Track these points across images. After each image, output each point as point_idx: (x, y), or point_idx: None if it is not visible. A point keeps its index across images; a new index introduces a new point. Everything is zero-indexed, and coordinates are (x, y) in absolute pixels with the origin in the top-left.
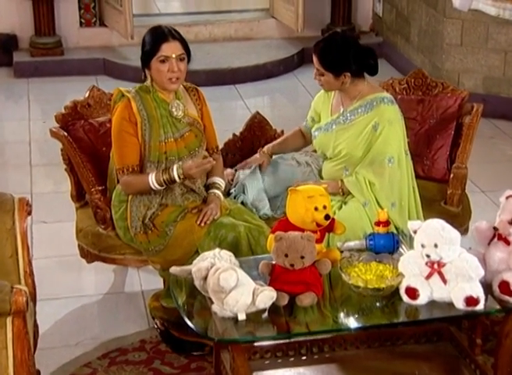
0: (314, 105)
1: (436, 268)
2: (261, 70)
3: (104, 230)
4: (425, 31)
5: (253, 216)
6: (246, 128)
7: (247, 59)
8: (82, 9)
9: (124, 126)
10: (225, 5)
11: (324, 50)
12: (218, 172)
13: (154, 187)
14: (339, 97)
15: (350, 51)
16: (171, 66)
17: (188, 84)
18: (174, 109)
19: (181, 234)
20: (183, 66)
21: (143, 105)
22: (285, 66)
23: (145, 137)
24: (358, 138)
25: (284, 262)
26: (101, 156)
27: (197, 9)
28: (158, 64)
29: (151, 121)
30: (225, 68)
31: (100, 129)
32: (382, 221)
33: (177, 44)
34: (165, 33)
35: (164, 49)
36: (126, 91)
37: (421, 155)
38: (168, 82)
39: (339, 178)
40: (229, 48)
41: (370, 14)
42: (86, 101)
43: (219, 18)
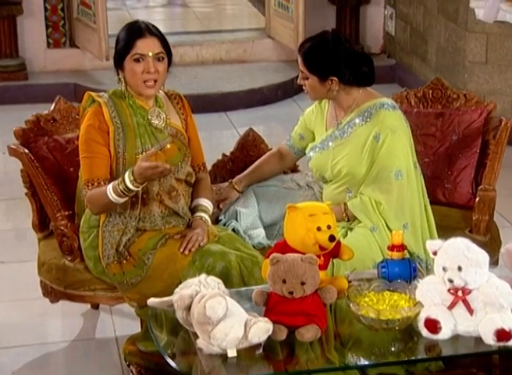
0: (304, 120)
1: (461, 295)
2: (256, 95)
3: (71, 261)
4: (444, 49)
5: (246, 245)
6: (237, 147)
7: (240, 83)
8: (49, 28)
9: (92, 134)
10: (215, 25)
11: (310, 49)
12: (205, 193)
13: (113, 198)
14: (333, 109)
15: (339, 53)
16: (147, 66)
17: (171, 91)
18: (153, 118)
19: (161, 264)
20: (162, 68)
21: (116, 111)
22: (283, 91)
23: (118, 148)
24: (359, 153)
25: (282, 290)
26: (67, 177)
27: (183, 29)
28: (132, 64)
29: (125, 130)
30: (214, 93)
31: (67, 146)
32: (395, 245)
33: (155, 41)
34: (141, 27)
35: (139, 46)
36: (98, 95)
37: (442, 177)
38: (144, 86)
39: (342, 202)
40: (220, 72)
41: (381, 33)
42: (51, 115)
43: (208, 38)
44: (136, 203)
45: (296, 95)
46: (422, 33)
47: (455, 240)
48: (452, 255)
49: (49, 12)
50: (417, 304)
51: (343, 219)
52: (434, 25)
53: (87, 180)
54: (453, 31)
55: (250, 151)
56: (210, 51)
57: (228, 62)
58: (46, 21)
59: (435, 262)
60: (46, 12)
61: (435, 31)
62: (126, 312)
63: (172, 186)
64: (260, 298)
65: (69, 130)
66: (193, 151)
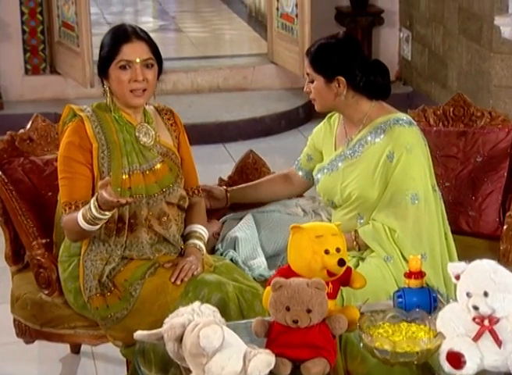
0: (312, 140)
1: (487, 325)
2: (257, 126)
3: (49, 295)
4: (467, 72)
5: (245, 276)
6: (236, 171)
7: (240, 112)
8: (28, 53)
9: (72, 152)
10: (212, 50)
11: (318, 48)
12: (199, 219)
13: (84, 226)
14: (342, 126)
15: (351, 53)
16: (134, 74)
17: (161, 105)
18: (142, 134)
19: (150, 296)
20: (151, 75)
21: (101, 127)
22: (287, 121)
23: (103, 167)
24: (371, 174)
25: (285, 318)
26: (45, 203)
27: (177, 54)
28: (118, 71)
29: (110, 147)
30: (211, 122)
31: (45, 169)
32: (413, 271)
33: (143, 46)
34: (127, 31)
35: (125, 52)
36: (80, 109)
37: (465, 203)
38: (131, 95)
39: (352, 229)
40: (217, 100)
41: (396, 58)
42: (27, 134)
43: (204, 64)
44: (123, 229)
45: (301, 126)
46: (442, 56)
47: (480, 262)
48: (477, 278)
49: (27, 35)
50: (438, 335)
51: (353, 248)
52: (455, 47)
53: (65, 203)
54: (476, 53)
55: (250, 175)
56: (206, 78)
57: (226, 90)
58: (24, 45)
59: (458, 288)
60: (24, 34)
61: (456, 53)
62: (110, 356)
63: (163, 210)
64: (261, 328)
65: (48, 151)
66: (186, 172)
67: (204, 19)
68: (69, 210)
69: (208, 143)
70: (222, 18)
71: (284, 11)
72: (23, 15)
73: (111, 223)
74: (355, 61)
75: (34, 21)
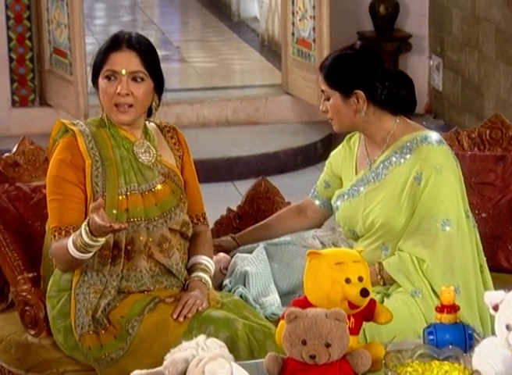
0: (330, 164)
1: None
2: (271, 162)
3: (36, 336)
4: (505, 102)
5: (256, 314)
6: (246, 200)
7: (251, 148)
8: (15, 82)
9: (63, 171)
10: (220, 81)
11: (332, 61)
12: (204, 250)
13: (75, 254)
14: (364, 146)
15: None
16: (120, 86)
17: (164, 123)
18: (141, 152)
19: (149, 334)
20: (140, 91)
21: (95, 142)
22: (304, 157)
23: (97, 186)
24: (396, 199)
25: (301, 353)
26: (32, 234)
27: (181, 85)
28: (105, 82)
29: (106, 164)
30: (219, 158)
31: (32, 196)
32: (446, 305)
33: (132, 57)
34: (119, 38)
35: (112, 61)
36: (72, 123)
37: (504, 236)
38: (114, 110)
39: (376, 261)
40: (225, 135)
41: (425, 89)
42: (13, 158)
43: (211, 95)
44: (119, 257)
45: (319, 162)
46: (477, 84)
47: None
48: None
49: (15, 63)
50: (475, 374)
51: (377, 282)
52: (491, 73)
53: (54, 228)
54: None
55: (262, 205)
56: (213, 111)
57: (236, 124)
58: (11, 74)
59: (497, 320)
60: (11, 62)
61: (494, 81)
62: None
63: (164, 236)
64: (273, 364)
65: (36, 177)
66: (190, 197)
67: (212, 48)
68: (59, 236)
69: (215, 181)
70: (232, 47)
71: (300, 36)
72: (10, 41)
73: (105, 250)
74: (375, 72)
75: (23, 47)
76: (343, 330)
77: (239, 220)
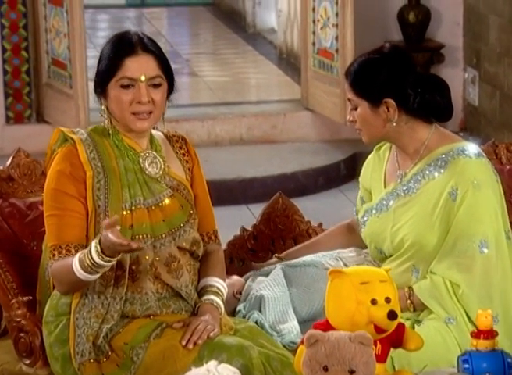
0: (362, 180)
1: None
2: (289, 183)
3: (31, 366)
4: None
5: (273, 342)
6: (262, 218)
7: (267, 168)
8: (10, 97)
9: (62, 184)
10: (233, 97)
11: (359, 66)
12: (216, 271)
13: (81, 274)
14: (394, 157)
15: (400, 69)
16: (138, 95)
17: (172, 132)
18: (147, 163)
19: (156, 363)
20: (159, 96)
21: (97, 152)
22: (326, 179)
23: (99, 200)
24: (428, 216)
25: None
26: (28, 254)
27: (191, 101)
28: (119, 90)
29: (108, 176)
30: (232, 179)
31: (28, 213)
32: (483, 330)
33: (150, 61)
34: (132, 42)
35: (128, 67)
36: (71, 131)
37: None
38: (133, 118)
39: (405, 285)
40: (239, 154)
41: (460, 104)
42: (7, 172)
43: (224, 111)
44: (122, 277)
45: (343, 184)
46: None
47: None
48: None
49: (10, 75)
50: None
51: (407, 308)
52: None
53: (53, 247)
54: None
55: (280, 224)
56: (226, 128)
57: (250, 142)
58: (5, 88)
59: None
60: (5, 75)
61: None
62: None
63: (172, 255)
64: None
65: (32, 193)
66: (201, 213)
67: (225, 61)
68: (59, 255)
69: (228, 203)
70: (247, 60)
71: (322, 46)
72: (4, 52)
73: (108, 270)
74: (406, 78)
75: (18, 59)
76: (369, 356)
77: (254, 241)
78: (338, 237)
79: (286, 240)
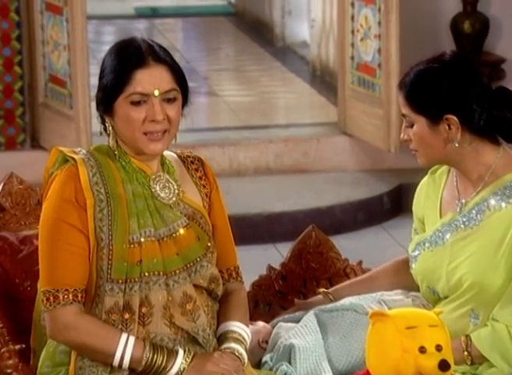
0: (414, 208)
1: None
2: (323, 219)
3: None
4: None
5: None
6: (292, 255)
7: (298, 201)
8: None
9: (63, 211)
10: (258, 119)
11: (416, 77)
12: (238, 314)
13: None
14: (453, 184)
15: (467, 83)
16: (151, 112)
17: (186, 152)
18: (159, 187)
19: None
20: (174, 112)
21: (100, 175)
22: (366, 214)
23: (101, 232)
24: (492, 253)
25: None
26: (20, 296)
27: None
28: (128, 107)
29: (113, 203)
30: (257, 214)
31: (21, 249)
32: None
33: (163, 72)
34: (142, 51)
35: (139, 81)
36: (72, 151)
37: None
38: (145, 139)
39: (462, 333)
40: (266, 185)
41: None
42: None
43: (248, 136)
44: (131, 322)
45: (386, 221)
46: None
47: None
48: None
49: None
50: None
51: (463, 360)
52: None
53: (47, 291)
54: None
55: (313, 261)
56: (251, 155)
57: (279, 172)
58: None
59: None
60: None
61: None
62: None
63: (188, 295)
64: None
65: (25, 225)
66: (220, 245)
67: (249, 79)
68: (56, 301)
69: (253, 242)
70: (275, 78)
71: (362, 60)
72: None
73: (114, 313)
74: (471, 91)
75: (11, 75)
76: None
77: (282, 281)
78: (396, 276)
79: (320, 280)
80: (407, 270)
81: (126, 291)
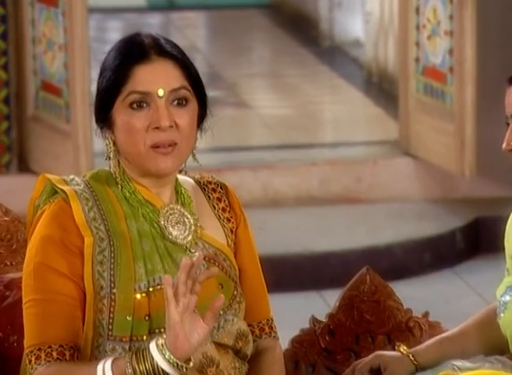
0: (507, 244)
1: None
2: (381, 260)
3: None
4: None
5: None
6: (342, 305)
7: (348, 238)
8: None
9: (50, 256)
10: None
11: None
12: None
13: None
14: None
15: None
16: (155, 117)
17: (207, 177)
18: (171, 223)
19: None
20: (186, 119)
21: (98, 208)
22: (435, 255)
23: (100, 279)
24: None
25: None
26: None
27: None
28: (128, 113)
29: (116, 244)
30: (298, 254)
31: (6, 295)
32: None
33: (169, 67)
34: (144, 44)
35: (138, 78)
36: (62, 180)
37: None
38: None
39: None
40: (308, 218)
41: None
42: None
43: (286, 157)
44: None
45: (460, 263)
46: None
47: None
48: None
49: None
50: None
51: None
52: None
53: (32, 349)
54: None
55: (367, 312)
56: (290, 181)
57: (324, 201)
58: None
59: None
60: None
61: None
62: None
63: (209, 356)
64: None
65: (12, 266)
66: (249, 294)
67: (288, 86)
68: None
69: (292, 289)
70: (321, 85)
71: (429, 62)
72: None
73: None
74: None
75: None
76: None
77: (329, 337)
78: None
79: (377, 336)
80: (489, 324)
81: (131, 354)
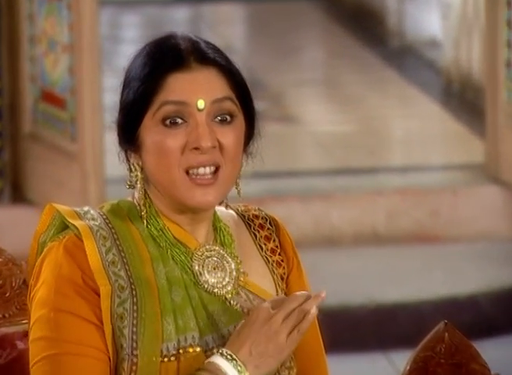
0: None
1: None
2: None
3: None
4: None
5: None
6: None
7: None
8: None
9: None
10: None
11: None
12: None
13: None
14: None
15: None
16: (194, 135)
17: (252, 210)
18: (208, 268)
19: None
20: (231, 139)
21: (117, 250)
22: None
23: (121, 337)
24: None
25: None
26: None
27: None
28: (160, 131)
29: (139, 294)
30: (359, 306)
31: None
32: None
33: (212, 78)
34: (181, 49)
35: (173, 87)
36: (75, 213)
37: None
38: (187, 183)
39: None
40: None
41: None
42: None
43: (344, 183)
44: None
45: None
46: None
47: None
48: None
49: None
50: None
51: None
52: None
53: None
54: None
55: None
56: (349, 214)
57: (393, 240)
58: None
59: None
60: None
61: None
62: None
63: None
64: None
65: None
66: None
67: (347, 97)
68: None
69: (353, 349)
70: (388, 95)
71: None
72: None
73: None
74: None
75: None
76: None
77: None
78: None
79: None
80: None
81: None
